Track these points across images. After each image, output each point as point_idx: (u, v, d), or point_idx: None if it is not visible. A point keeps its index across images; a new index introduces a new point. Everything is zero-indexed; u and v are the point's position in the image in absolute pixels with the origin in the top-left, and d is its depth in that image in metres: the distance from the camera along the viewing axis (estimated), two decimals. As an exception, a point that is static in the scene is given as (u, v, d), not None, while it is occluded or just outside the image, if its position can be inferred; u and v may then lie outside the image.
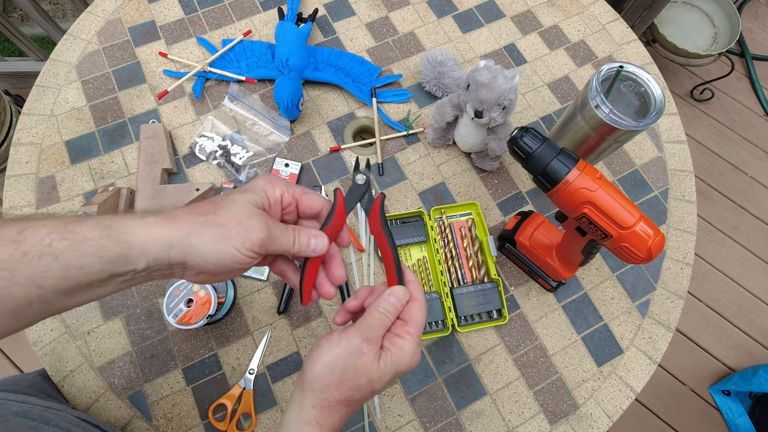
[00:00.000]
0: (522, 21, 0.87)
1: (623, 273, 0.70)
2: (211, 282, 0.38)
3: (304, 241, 0.36)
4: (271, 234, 0.34)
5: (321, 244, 0.37)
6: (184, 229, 0.32)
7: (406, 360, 0.36)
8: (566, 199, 0.46)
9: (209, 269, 0.33)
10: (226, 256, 0.33)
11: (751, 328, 1.49)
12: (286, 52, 0.74)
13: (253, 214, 0.34)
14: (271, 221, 0.35)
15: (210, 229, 0.33)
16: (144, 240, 0.32)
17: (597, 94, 0.53)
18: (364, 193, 0.40)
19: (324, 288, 0.39)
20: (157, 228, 0.32)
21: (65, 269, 0.30)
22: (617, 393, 0.63)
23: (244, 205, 0.34)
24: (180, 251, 0.32)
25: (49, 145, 0.72)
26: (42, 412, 0.45)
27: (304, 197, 0.38)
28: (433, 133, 0.73)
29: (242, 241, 0.33)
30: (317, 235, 0.37)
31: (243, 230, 0.33)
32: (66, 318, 0.62)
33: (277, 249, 0.35)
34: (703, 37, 1.63)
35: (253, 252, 0.33)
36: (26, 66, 1.45)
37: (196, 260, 0.33)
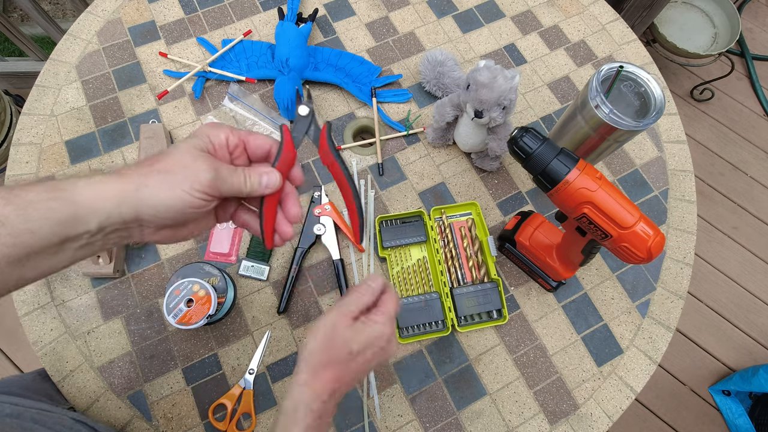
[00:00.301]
0: (522, 21, 0.87)
1: (623, 273, 0.70)
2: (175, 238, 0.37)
3: (255, 179, 0.36)
4: (219, 174, 0.34)
5: (273, 180, 0.37)
6: (131, 183, 0.32)
7: (378, 330, 0.40)
8: (566, 199, 0.46)
9: (164, 220, 0.33)
10: (177, 201, 0.32)
11: (751, 328, 1.49)
12: (286, 52, 0.74)
13: (198, 157, 0.34)
14: (219, 162, 0.35)
15: (156, 177, 0.32)
16: (92, 198, 0.31)
17: (597, 94, 0.53)
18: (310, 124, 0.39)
19: (281, 227, 0.40)
20: (104, 185, 0.32)
21: (14, 236, 0.29)
22: (617, 393, 0.63)
23: (188, 150, 0.34)
24: (131, 206, 0.32)
25: (49, 145, 0.72)
26: (35, 414, 0.45)
27: (251, 138, 0.38)
28: (433, 133, 0.73)
29: (191, 184, 0.32)
30: (268, 172, 0.37)
31: (189, 173, 0.33)
32: (66, 318, 0.62)
33: (228, 190, 0.35)
34: (703, 37, 1.63)
35: (203, 193, 0.33)
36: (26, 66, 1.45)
37: (149, 212, 0.32)
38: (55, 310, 0.63)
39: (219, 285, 0.60)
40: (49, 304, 0.63)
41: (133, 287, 0.64)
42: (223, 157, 0.37)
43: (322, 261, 0.67)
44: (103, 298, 0.64)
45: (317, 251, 0.68)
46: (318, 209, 0.68)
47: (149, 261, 0.66)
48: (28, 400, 0.49)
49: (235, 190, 0.35)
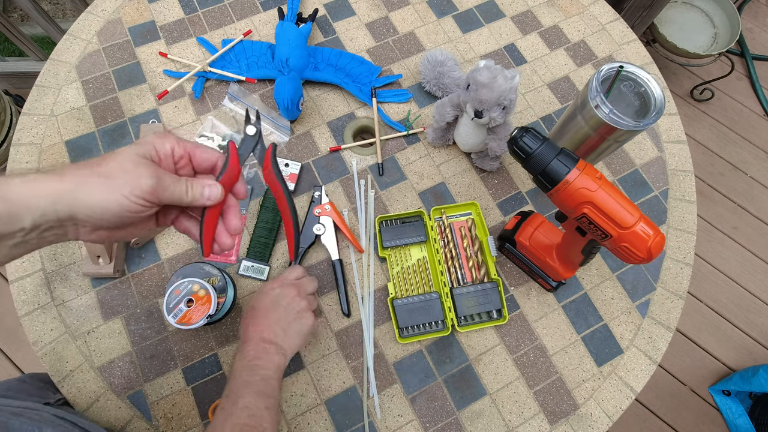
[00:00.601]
0: (522, 21, 0.87)
1: (623, 273, 0.70)
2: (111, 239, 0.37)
3: (198, 190, 0.37)
4: (161, 182, 0.34)
5: (215, 192, 0.38)
6: (68, 183, 0.32)
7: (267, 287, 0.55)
8: (566, 199, 0.46)
9: (100, 222, 0.33)
10: (115, 205, 0.33)
11: (751, 328, 1.49)
12: (286, 52, 0.74)
13: (140, 164, 0.34)
14: (162, 171, 0.35)
15: (96, 179, 0.33)
16: (27, 196, 0.31)
17: (597, 94, 0.53)
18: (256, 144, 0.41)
19: (221, 238, 0.40)
20: (40, 183, 0.32)
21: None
22: (617, 393, 0.63)
23: (130, 155, 0.34)
24: (66, 205, 0.32)
25: (49, 145, 0.72)
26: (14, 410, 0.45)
27: (198, 150, 0.39)
28: (433, 133, 0.73)
29: (131, 189, 0.33)
30: (211, 185, 0.38)
31: (130, 179, 0.33)
32: (66, 318, 0.62)
33: (169, 198, 0.36)
34: (703, 37, 1.63)
35: (142, 200, 0.34)
36: (26, 66, 1.45)
37: (85, 212, 0.32)
38: (55, 310, 0.63)
39: (219, 285, 0.60)
40: (49, 304, 0.63)
41: (133, 287, 0.64)
42: (168, 167, 0.37)
43: (321, 261, 0.67)
44: (103, 298, 0.64)
45: (317, 251, 0.68)
46: (318, 209, 0.68)
47: (149, 261, 0.66)
48: (9, 399, 0.49)
49: (176, 199, 0.36)
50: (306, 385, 0.61)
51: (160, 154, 0.36)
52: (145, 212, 0.35)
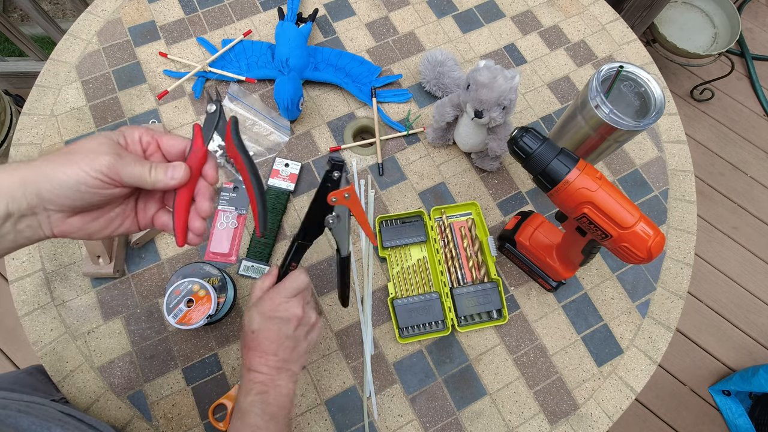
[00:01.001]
0: (522, 21, 0.87)
1: (623, 273, 0.70)
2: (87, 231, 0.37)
3: (161, 170, 0.37)
4: (122, 159, 0.35)
5: (179, 172, 0.37)
6: (36, 164, 0.34)
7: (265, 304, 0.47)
8: (566, 199, 0.46)
9: (64, 200, 0.34)
10: (73, 178, 0.33)
11: (751, 328, 1.49)
12: (286, 52, 0.74)
13: (104, 143, 0.35)
14: (124, 151, 0.36)
15: (60, 157, 0.34)
16: (2, 183, 0.33)
17: (597, 94, 0.53)
18: (218, 121, 0.41)
19: (193, 223, 0.40)
20: (14, 170, 0.33)
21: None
22: (617, 393, 0.63)
23: (97, 138, 0.36)
24: (34, 186, 0.33)
25: (49, 145, 0.72)
26: (22, 407, 0.45)
27: (165, 137, 0.39)
28: (433, 133, 0.73)
29: (90, 164, 0.33)
30: (175, 165, 0.37)
31: (91, 154, 0.34)
32: (66, 318, 0.62)
33: (130, 176, 0.36)
34: (703, 37, 1.63)
35: (102, 174, 0.34)
36: (26, 66, 1.45)
37: (48, 189, 0.33)
38: (55, 310, 0.63)
39: (219, 285, 0.60)
40: (49, 304, 0.63)
41: (133, 287, 0.64)
42: (136, 153, 0.38)
43: (322, 261, 0.67)
44: (103, 298, 0.64)
45: (317, 251, 0.68)
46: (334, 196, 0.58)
47: (149, 261, 0.66)
48: (15, 393, 0.49)
49: (137, 179, 0.36)
50: (306, 385, 0.61)
51: (128, 140, 0.37)
52: (105, 189, 0.35)
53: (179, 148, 0.39)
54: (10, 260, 0.64)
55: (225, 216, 0.68)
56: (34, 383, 0.60)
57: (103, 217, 0.37)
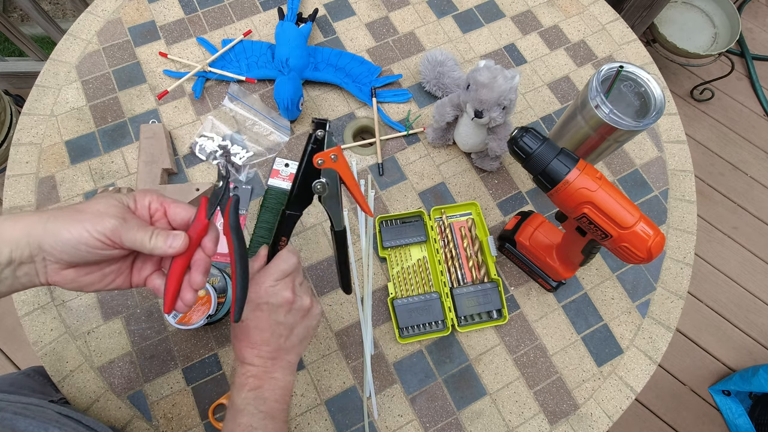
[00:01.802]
0: (522, 21, 0.87)
1: (623, 273, 0.70)
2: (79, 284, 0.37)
3: (162, 238, 0.37)
4: (126, 223, 0.35)
5: (177, 242, 0.37)
6: (43, 216, 0.34)
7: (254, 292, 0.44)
8: (566, 199, 0.46)
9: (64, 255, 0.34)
10: (76, 237, 0.34)
11: (751, 328, 1.49)
12: (286, 52, 0.74)
13: (112, 206, 0.36)
14: (131, 215, 0.36)
15: (67, 213, 0.35)
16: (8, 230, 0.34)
17: (597, 94, 0.53)
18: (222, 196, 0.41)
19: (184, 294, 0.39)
20: (21, 218, 0.34)
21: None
22: (617, 393, 0.63)
23: (107, 199, 0.36)
24: (36, 236, 0.34)
25: (49, 145, 0.72)
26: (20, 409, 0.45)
27: (172, 205, 0.39)
28: (433, 133, 0.73)
29: (93, 224, 0.34)
30: (176, 234, 0.37)
31: (97, 215, 0.35)
32: (66, 318, 0.62)
33: (131, 241, 0.36)
34: (703, 37, 1.63)
35: (104, 236, 0.34)
36: (26, 66, 1.45)
37: (50, 243, 0.34)
38: (55, 310, 0.63)
39: (219, 285, 0.60)
40: (49, 304, 0.63)
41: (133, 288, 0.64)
42: (143, 217, 0.38)
43: (322, 261, 0.67)
44: (103, 298, 0.64)
45: (316, 251, 0.68)
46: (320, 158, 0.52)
47: (149, 261, 0.66)
48: (13, 395, 0.48)
49: (138, 244, 0.36)
50: (306, 385, 0.61)
51: (138, 204, 0.38)
52: (105, 251, 0.35)
53: (185, 217, 0.39)
54: (10, 260, 0.64)
55: (225, 216, 0.68)
56: (32, 385, 0.60)
57: (97, 272, 0.38)
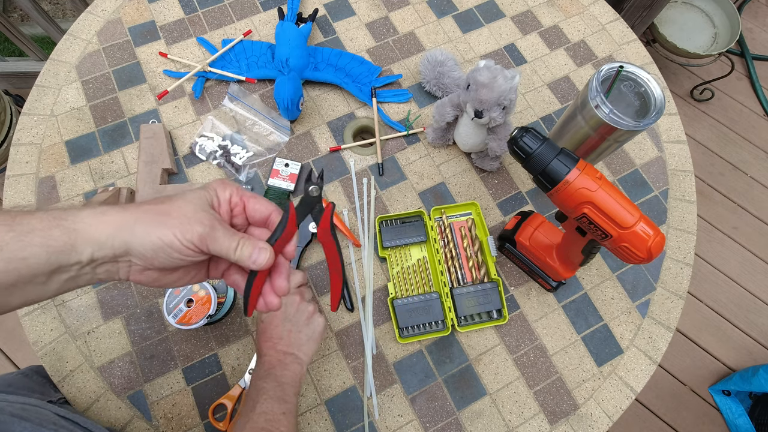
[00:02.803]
0: (522, 21, 0.87)
1: (623, 273, 0.70)
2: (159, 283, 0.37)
3: (247, 251, 0.35)
4: (214, 232, 0.34)
5: (263, 257, 0.36)
6: (130, 217, 0.33)
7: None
8: (566, 199, 0.46)
9: (151, 260, 0.33)
10: (165, 243, 0.33)
11: (751, 328, 1.49)
12: (286, 52, 0.74)
13: (201, 210, 0.34)
14: (218, 221, 0.35)
15: (154, 216, 0.33)
16: (92, 228, 0.32)
17: (597, 94, 0.53)
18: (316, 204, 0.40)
19: (267, 297, 0.39)
20: (105, 216, 0.33)
21: (8, 261, 0.30)
22: (617, 393, 0.63)
23: (193, 200, 0.35)
24: (122, 239, 0.32)
25: (49, 145, 0.72)
26: (17, 410, 0.44)
27: (251, 200, 0.39)
28: (433, 133, 0.73)
29: (183, 231, 0.33)
30: (262, 248, 0.36)
31: (186, 221, 0.33)
32: (66, 318, 0.62)
33: (217, 249, 0.35)
34: (703, 37, 1.63)
35: (192, 244, 0.33)
36: (26, 66, 1.45)
37: (137, 248, 0.33)
38: (55, 310, 0.63)
39: (219, 285, 0.60)
40: (49, 304, 0.63)
41: (133, 287, 0.64)
42: (225, 212, 0.37)
43: (321, 261, 0.67)
44: (103, 298, 0.64)
45: (316, 251, 0.68)
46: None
47: (149, 261, 0.66)
48: (11, 396, 0.48)
49: (224, 252, 0.35)
50: (306, 385, 0.61)
51: (221, 200, 0.37)
52: (192, 258, 0.34)
53: (264, 213, 0.39)
54: (10, 260, 0.64)
55: (225, 216, 0.68)
56: (30, 385, 0.60)
57: (180, 271, 0.37)
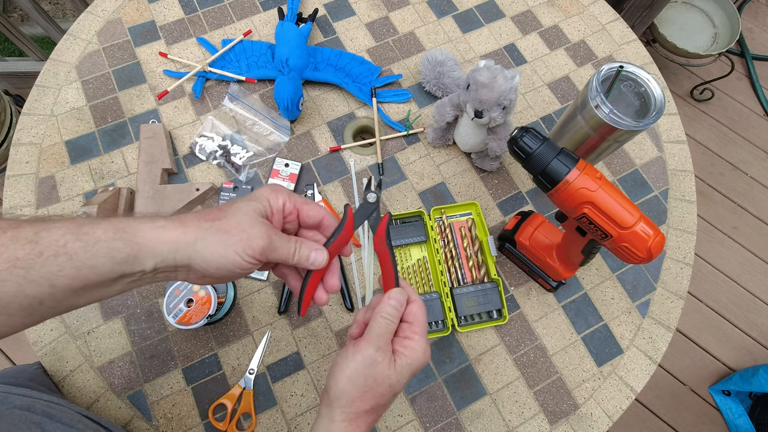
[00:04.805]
0: (522, 21, 0.87)
1: (623, 273, 0.70)
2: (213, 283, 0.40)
3: (305, 254, 0.38)
4: (272, 243, 0.36)
5: (320, 258, 0.38)
6: (191, 234, 0.34)
7: (420, 358, 0.37)
8: (566, 199, 0.46)
9: (212, 272, 0.35)
10: (228, 261, 0.34)
11: (751, 328, 1.49)
12: (286, 52, 0.74)
13: (257, 223, 0.35)
14: (273, 231, 0.36)
15: (215, 234, 0.34)
16: (154, 242, 0.34)
17: (597, 94, 0.53)
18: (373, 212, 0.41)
19: (318, 294, 0.41)
20: (166, 231, 0.34)
21: (78, 269, 0.31)
22: (617, 393, 0.63)
23: (248, 213, 0.36)
24: (185, 255, 0.34)
25: (49, 145, 0.72)
26: (44, 407, 0.45)
27: (305, 207, 0.40)
28: (433, 133, 0.73)
29: (244, 248, 0.34)
30: (318, 249, 0.38)
31: (245, 237, 0.35)
32: (66, 318, 0.62)
33: (277, 258, 0.36)
34: (703, 37, 1.63)
35: (254, 258, 0.35)
36: (26, 66, 1.45)
37: (200, 263, 0.34)
38: (55, 310, 0.63)
39: (219, 285, 0.60)
40: (49, 304, 0.63)
41: (133, 287, 0.64)
42: (278, 221, 0.39)
43: (322, 261, 0.67)
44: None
45: (317, 251, 0.68)
46: None
47: (149, 261, 0.66)
48: (36, 392, 0.49)
49: (283, 259, 0.37)
50: (306, 385, 0.61)
51: (273, 209, 0.38)
52: (254, 268, 0.36)
53: (317, 219, 0.40)
54: (10, 260, 0.64)
55: (225, 216, 0.68)
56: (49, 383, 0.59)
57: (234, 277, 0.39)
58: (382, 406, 0.37)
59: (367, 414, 0.36)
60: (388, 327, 0.38)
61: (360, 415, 0.36)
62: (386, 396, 0.36)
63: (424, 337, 0.38)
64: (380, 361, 0.36)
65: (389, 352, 0.37)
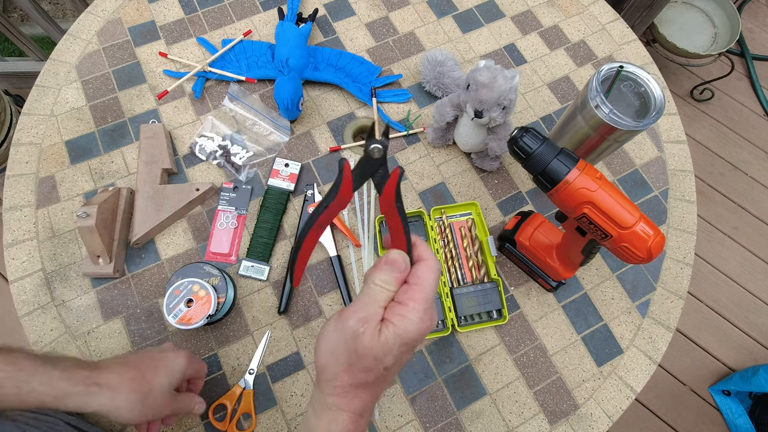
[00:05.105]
0: (522, 21, 0.87)
1: (623, 273, 0.70)
2: None
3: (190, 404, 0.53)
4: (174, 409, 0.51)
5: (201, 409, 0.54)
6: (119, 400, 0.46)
7: (412, 329, 0.32)
8: (566, 199, 0.46)
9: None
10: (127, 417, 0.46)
11: (751, 328, 1.49)
12: (286, 52, 0.74)
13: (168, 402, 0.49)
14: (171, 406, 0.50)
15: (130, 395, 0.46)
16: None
17: (597, 94, 0.53)
18: (379, 167, 0.32)
19: None
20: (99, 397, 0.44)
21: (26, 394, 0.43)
22: (617, 393, 0.63)
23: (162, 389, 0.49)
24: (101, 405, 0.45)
25: (49, 145, 0.72)
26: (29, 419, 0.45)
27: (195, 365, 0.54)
28: (433, 133, 0.73)
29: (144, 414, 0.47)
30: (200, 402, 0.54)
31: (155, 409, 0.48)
32: (66, 318, 0.62)
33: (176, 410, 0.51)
34: (703, 37, 1.63)
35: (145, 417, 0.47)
36: (26, 66, 1.45)
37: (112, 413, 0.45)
38: (55, 310, 0.63)
39: (219, 285, 0.60)
40: (49, 304, 0.63)
41: (133, 287, 0.64)
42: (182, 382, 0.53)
43: (321, 261, 0.67)
44: (103, 298, 0.64)
45: (316, 251, 0.68)
46: (312, 207, 0.67)
47: (149, 261, 0.66)
48: None
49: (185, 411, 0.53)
50: (306, 385, 0.61)
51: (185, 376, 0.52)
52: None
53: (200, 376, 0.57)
54: (10, 260, 0.64)
55: (225, 216, 0.68)
56: None
57: None
58: (373, 381, 0.33)
59: (356, 389, 0.33)
60: (379, 294, 0.33)
61: (349, 390, 0.33)
62: (375, 371, 0.32)
63: (423, 304, 0.32)
64: (362, 332, 0.31)
65: (374, 322, 0.32)
